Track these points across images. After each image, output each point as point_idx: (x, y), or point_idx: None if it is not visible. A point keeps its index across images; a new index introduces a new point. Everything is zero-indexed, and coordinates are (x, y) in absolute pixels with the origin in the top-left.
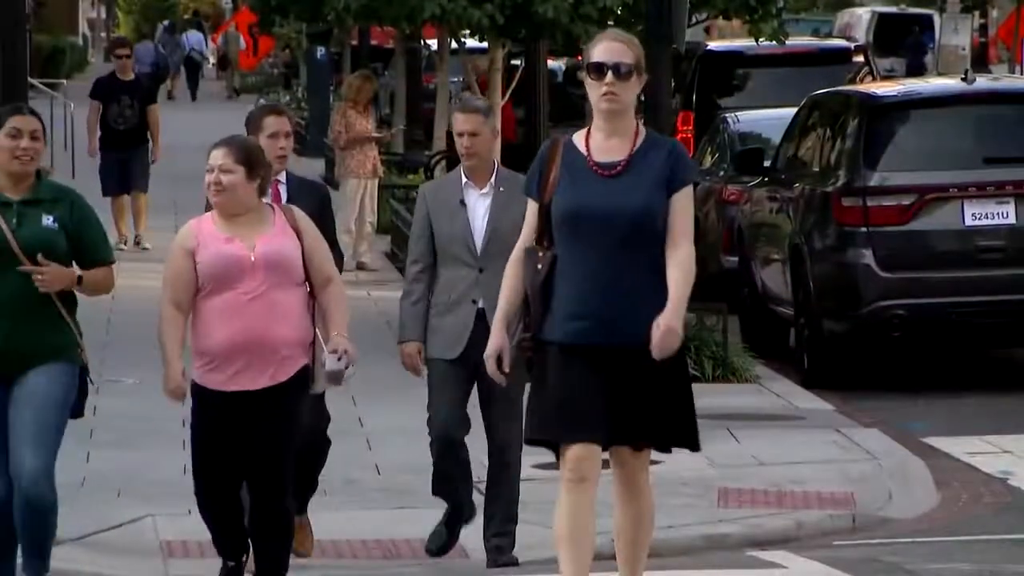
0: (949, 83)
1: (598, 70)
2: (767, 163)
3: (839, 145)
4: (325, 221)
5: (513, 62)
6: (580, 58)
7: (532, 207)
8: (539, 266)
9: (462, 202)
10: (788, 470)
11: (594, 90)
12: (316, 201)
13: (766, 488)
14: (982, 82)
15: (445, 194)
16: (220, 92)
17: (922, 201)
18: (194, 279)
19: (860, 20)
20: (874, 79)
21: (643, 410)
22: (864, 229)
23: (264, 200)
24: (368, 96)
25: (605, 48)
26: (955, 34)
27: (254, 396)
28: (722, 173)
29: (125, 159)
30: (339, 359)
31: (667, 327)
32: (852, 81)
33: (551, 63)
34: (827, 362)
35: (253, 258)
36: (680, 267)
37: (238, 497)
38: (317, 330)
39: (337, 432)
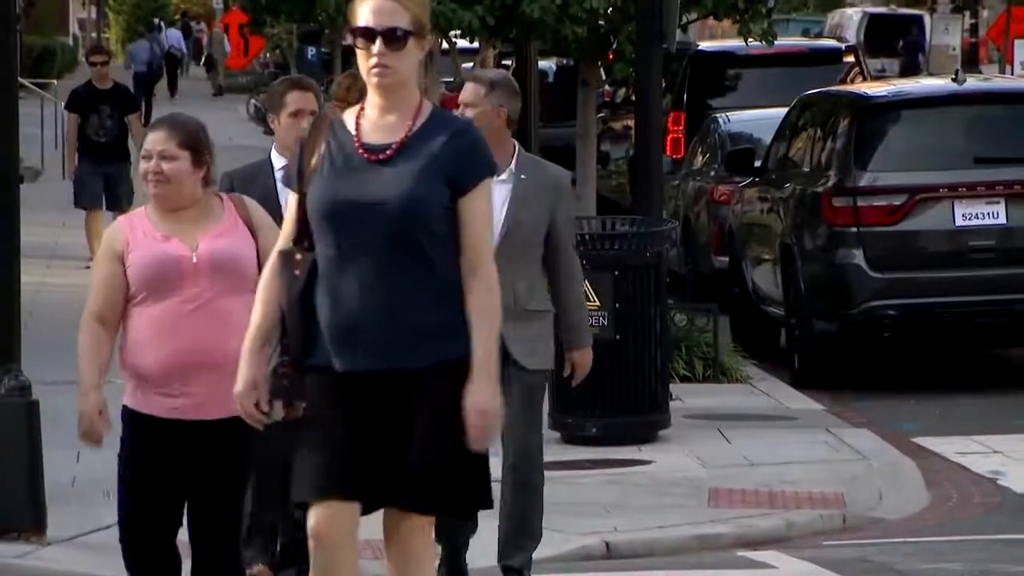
0: (940, 83)
1: (365, 36)
2: (758, 163)
3: (830, 145)
4: None
5: (504, 62)
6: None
7: (292, 199)
8: (296, 272)
9: None
10: (779, 470)
11: (363, 61)
12: None
13: (757, 488)
14: (972, 82)
15: None
16: (204, 90)
17: (912, 201)
18: (123, 287)
19: (851, 20)
20: (865, 79)
21: (412, 460)
22: (855, 229)
23: (211, 190)
24: (357, 95)
25: (373, 8)
26: (945, 34)
27: (202, 426)
28: (713, 173)
29: (108, 173)
30: None
31: (477, 407)
32: (843, 81)
33: (542, 63)
34: (818, 362)
35: (195, 259)
36: (482, 306)
37: (175, 549)
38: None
39: None
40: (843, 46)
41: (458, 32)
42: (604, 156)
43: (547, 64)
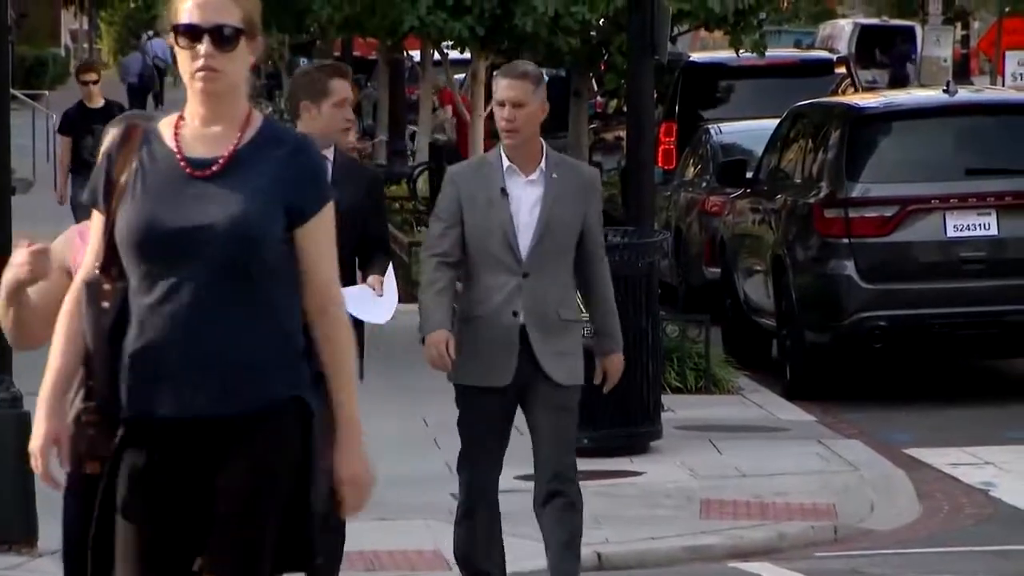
0: (931, 95)
1: (189, 35)
2: (749, 174)
3: (821, 156)
4: (375, 210)
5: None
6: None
7: (97, 221)
8: (104, 305)
9: (504, 191)
10: (770, 481)
11: (186, 63)
12: (364, 186)
13: (748, 499)
14: (964, 94)
15: (482, 180)
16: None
17: (904, 212)
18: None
19: (842, 32)
20: (856, 91)
21: (219, 527)
22: (846, 240)
23: None
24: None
25: (199, 2)
26: (937, 46)
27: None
28: (704, 184)
29: None
30: None
31: (353, 480)
32: (834, 93)
33: None
34: (809, 373)
35: None
36: (338, 355)
37: None
38: None
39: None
40: (834, 57)
41: (449, 43)
42: (596, 167)
43: None
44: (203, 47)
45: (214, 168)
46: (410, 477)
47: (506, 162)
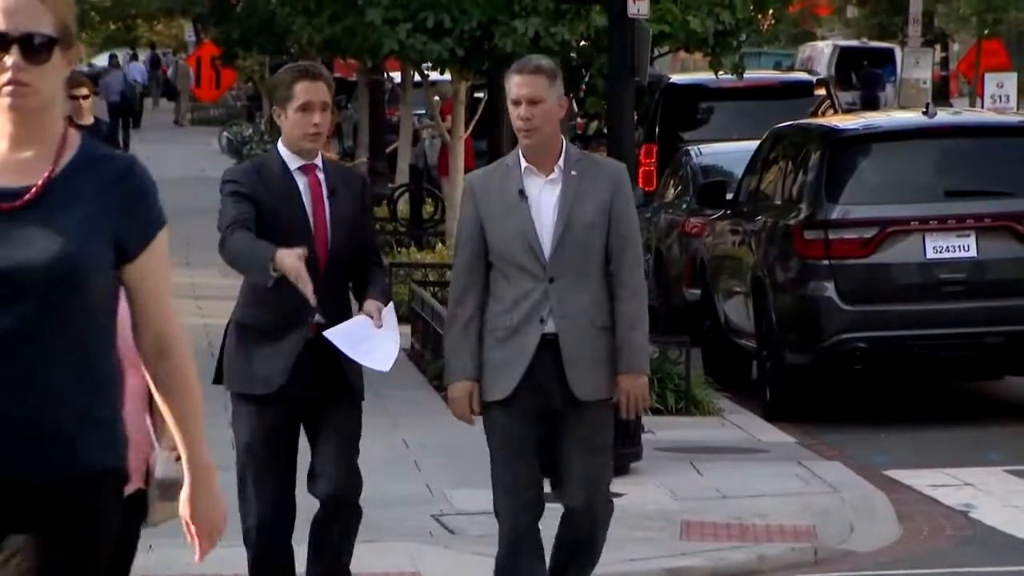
0: (910, 116)
1: None
2: (729, 196)
3: (801, 178)
4: (368, 210)
5: (477, 95)
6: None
7: None
8: None
9: (522, 193)
10: (750, 503)
11: None
12: (357, 192)
13: (728, 521)
14: (943, 116)
15: (499, 184)
16: (166, 119)
17: (884, 234)
18: None
19: (821, 54)
20: (836, 112)
21: None
22: (826, 262)
23: None
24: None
25: (4, 7)
26: (916, 68)
27: None
28: (685, 206)
29: None
30: (177, 459)
31: (205, 522)
32: (814, 114)
33: None
34: (789, 395)
35: None
36: (184, 400)
37: None
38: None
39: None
40: (814, 79)
41: (429, 64)
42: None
43: None
44: (11, 58)
45: (26, 198)
46: (390, 499)
47: (524, 163)
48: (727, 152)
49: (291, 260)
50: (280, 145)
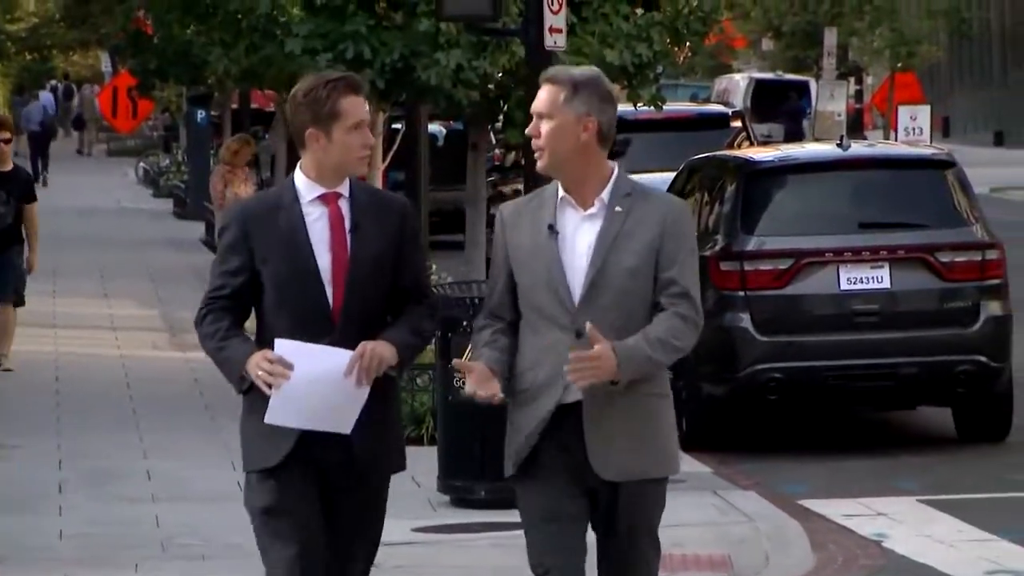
0: (825, 149)
1: None
2: None
3: (717, 209)
4: (410, 243)
5: (394, 126)
6: (452, 122)
7: None
8: None
9: (552, 228)
10: (667, 532)
11: None
12: (395, 221)
13: None
14: (857, 148)
15: (531, 216)
16: (69, 149)
17: (798, 265)
18: None
19: (738, 86)
20: (752, 144)
21: None
22: (742, 293)
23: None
24: (246, 159)
25: None
26: (831, 100)
27: None
28: None
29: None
30: None
31: None
32: (730, 146)
33: (432, 127)
34: (705, 425)
35: None
36: None
37: None
38: None
39: (218, 496)
40: (730, 111)
41: None
42: (494, 220)
43: (436, 128)
44: None
45: None
46: None
47: (560, 192)
48: (644, 183)
49: (259, 371)
50: (298, 173)
